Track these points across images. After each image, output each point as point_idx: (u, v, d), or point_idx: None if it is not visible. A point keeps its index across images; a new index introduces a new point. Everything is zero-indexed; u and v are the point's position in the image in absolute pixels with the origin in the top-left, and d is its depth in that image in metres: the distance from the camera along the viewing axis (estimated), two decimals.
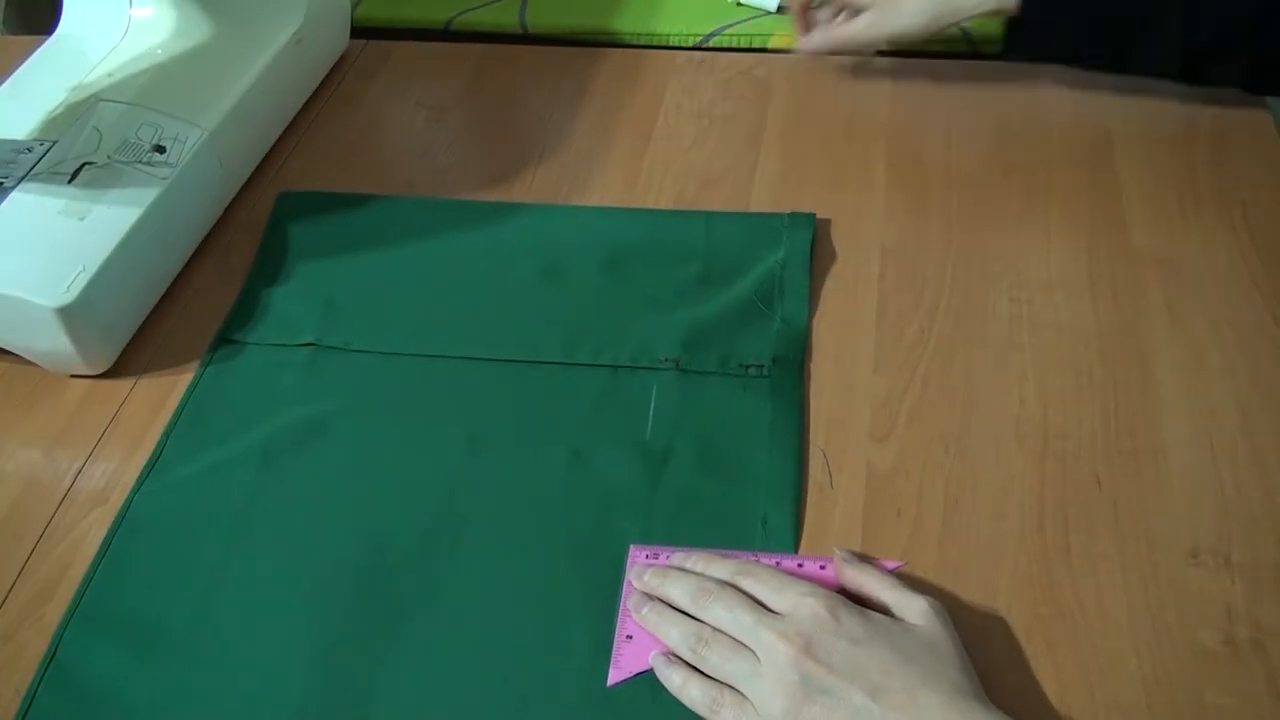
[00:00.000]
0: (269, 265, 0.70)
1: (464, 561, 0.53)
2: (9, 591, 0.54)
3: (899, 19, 0.74)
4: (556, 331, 0.63)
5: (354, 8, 0.93)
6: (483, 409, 0.60)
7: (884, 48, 0.80)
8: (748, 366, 0.60)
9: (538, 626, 0.50)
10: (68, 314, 0.59)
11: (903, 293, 0.65)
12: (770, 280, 0.65)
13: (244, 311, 0.67)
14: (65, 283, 0.60)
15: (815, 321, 0.63)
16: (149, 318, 0.67)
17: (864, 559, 0.51)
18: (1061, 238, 0.67)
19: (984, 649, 0.47)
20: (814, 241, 0.68)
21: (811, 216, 0.69)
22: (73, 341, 0.60)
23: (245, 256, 0.71)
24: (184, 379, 0.63)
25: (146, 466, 0.58)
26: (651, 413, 0.59)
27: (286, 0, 0.80)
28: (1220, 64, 0.69)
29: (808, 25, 0.80)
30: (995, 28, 0.88)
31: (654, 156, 0.76)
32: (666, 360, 0.61)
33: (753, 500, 0.55)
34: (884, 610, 0.48)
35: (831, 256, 0.67)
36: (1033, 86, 0.79)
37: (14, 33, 1.03)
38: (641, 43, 0.90)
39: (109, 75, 0.73)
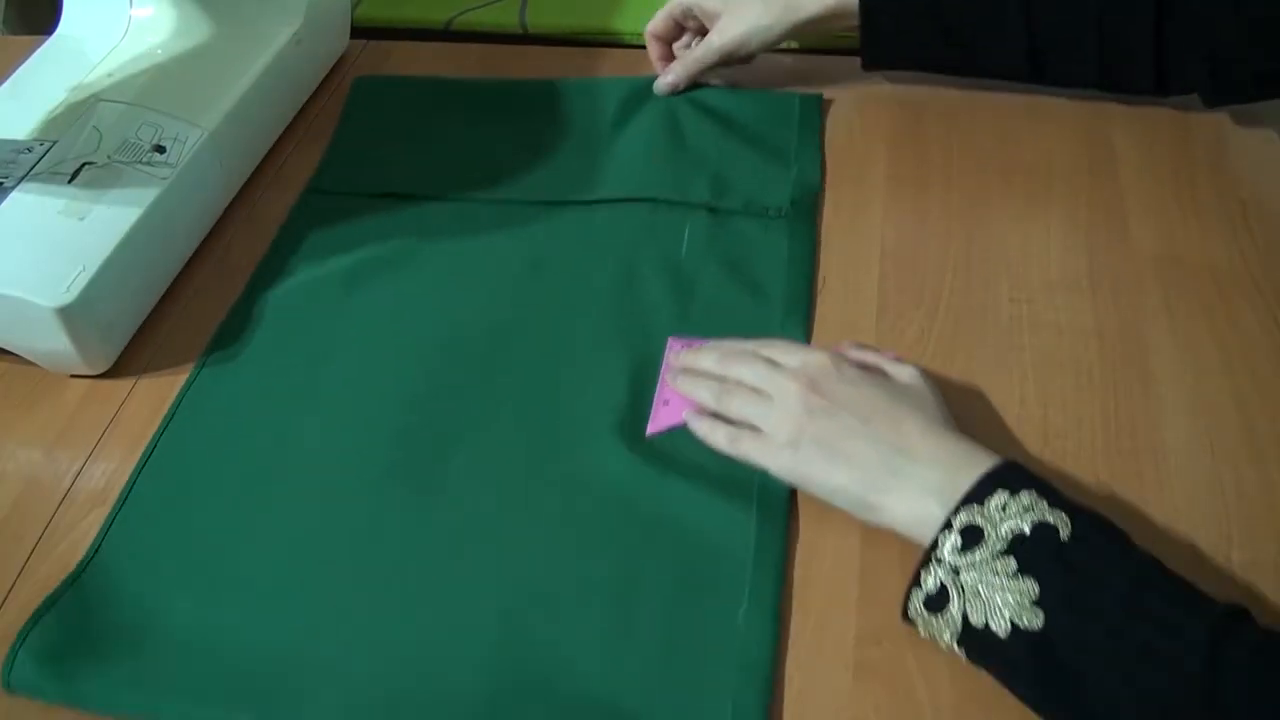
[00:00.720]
0: (350, 135, 0.80)
1: (526, 355, 0.63)
2: (9, 591, 0.54)
3: (744, 20, 0.74)
4: (606, 176, 0.73)
5: (354, 8, 0.93)
6: (542, 241, 0.69)
7: (740, 54, 0.77)
8: (768, 209, 0.69)
9: (587, 400, 0.60)
10: (68, 314, 0.59)
11: (903, 293, 0.65)
12: (786, 146, 0.75)
13: (336, 164, 0.77)
14: (65, 283, 0.60)
15: (815, 322, 0.64)
16: (149, 318, 0.67)
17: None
18: (1061, 238, 0.67)
19: None
20: (823, 121, 0.77)
21: (819, 97, 0.78)
22: (73, 341, 0.60)
23: (245, 256, 0.71)
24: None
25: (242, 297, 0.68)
26: (686, 237, 0.68)
27: (286, 0, 0.80)
28: (1066, 62, 0.71)
29: (667, 60, 0.80)
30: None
31: None
32: (699, 203, 0.70)
33: (771, 311, 0.64)
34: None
35: (832, 257, 0.67)
36: (1032, 86, 0.79)
37: (14, 33, 1.03)
38: (641, 43, 0.90)
39: (109, 75, 0.73)
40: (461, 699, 0.48)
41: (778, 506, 0.54)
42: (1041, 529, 0.44)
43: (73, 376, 0.64)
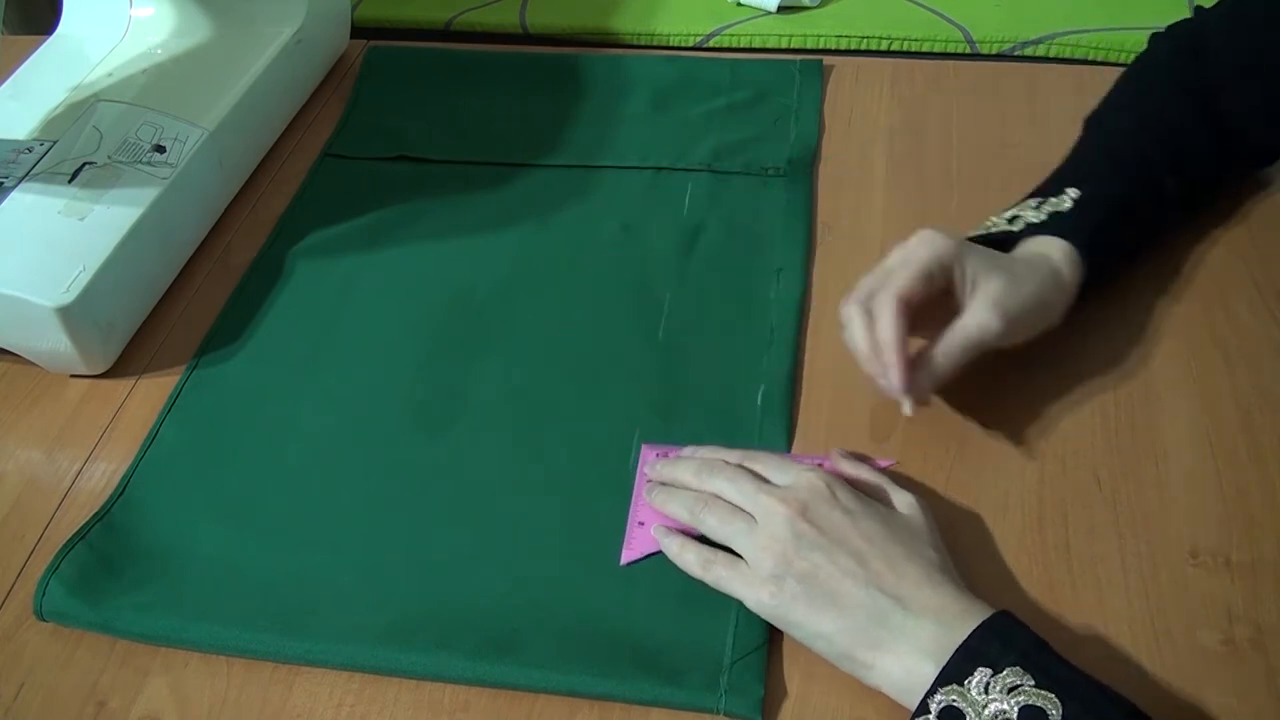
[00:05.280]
0: (364, 103, 0.82)
1: (533, 305, 0.65)
2: (9, 591, 0.54)
3: (1023, 282, 0.55)
4: (612, 143, 0.76)
5: (354, 8, 0.93)
6: (549, 202, 0.72)
7: (1016, 332, 0.55)
8: (767, 169, 0.73)
9: (592, 346, 0.62)
10: (68, 314, 0.59)
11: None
12: (786, 110, 0.78)
13: (351, 129, 0.80)
14: (65, 283, 0.60)
15: (816, 323, 0.63)
16: (149, 318, 0.67)
17: (861, 458, 0.55)
18: None
19: None
20: (824, 86, 0.80)
21: (819, 63, 0.81)
22: (73, 341, 0.60)
23: (245, 256, 0.71)
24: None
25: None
26: (688, 198, 0.71)
27: (286, 0, 0.80)
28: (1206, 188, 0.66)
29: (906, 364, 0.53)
30: (996, 28, 0.88)
31: None
32: (700, 165, 0.73)
33: (769, 260, 0.67)
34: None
35: (832, 257, 0.67)
36: (1033, 87, 0.79)
37: (14, 33, 1.03)
38: (641, 43, 0.91)
39: (109, 75, 0.73)
40: (469, 624, 0.50)
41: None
42: (1029, 713, 0.41)
43: (73, 376, 0.64)
